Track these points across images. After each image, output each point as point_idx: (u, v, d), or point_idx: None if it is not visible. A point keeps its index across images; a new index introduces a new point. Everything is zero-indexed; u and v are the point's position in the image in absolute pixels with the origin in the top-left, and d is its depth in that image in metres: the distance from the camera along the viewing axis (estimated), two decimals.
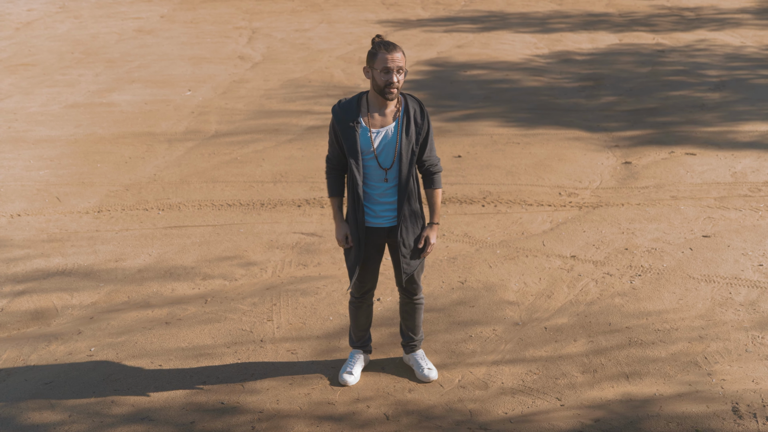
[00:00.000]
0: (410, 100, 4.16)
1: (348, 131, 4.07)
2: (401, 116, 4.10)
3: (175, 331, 5.05)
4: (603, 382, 4.46)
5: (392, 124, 4.11)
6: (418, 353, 4.59)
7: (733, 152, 7.98)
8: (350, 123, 4.06)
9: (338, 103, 4.14)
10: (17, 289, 5.64)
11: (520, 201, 6.95)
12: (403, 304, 4.51)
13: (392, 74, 3.95)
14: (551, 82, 10.85)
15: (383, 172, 4.12)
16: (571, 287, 5.49)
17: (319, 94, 10.40)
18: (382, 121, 4.10)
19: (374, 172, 4.13)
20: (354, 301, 4.47)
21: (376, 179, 4.14)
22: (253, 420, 4.18)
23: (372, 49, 4.00)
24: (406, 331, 4.58)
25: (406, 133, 4.09)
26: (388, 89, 3.98)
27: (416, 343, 4.59)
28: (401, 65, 3.96)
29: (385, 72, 3.96)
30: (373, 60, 3.98)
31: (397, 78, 3.97)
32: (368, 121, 4.09)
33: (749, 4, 16.97)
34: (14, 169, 7.93)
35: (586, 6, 17.00)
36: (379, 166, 4.11)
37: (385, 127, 4.10)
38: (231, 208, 6.95)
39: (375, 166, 4.11)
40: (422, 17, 15.98)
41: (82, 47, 13.58)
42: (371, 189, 4.16)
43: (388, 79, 3.96)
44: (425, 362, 4.56)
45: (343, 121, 4.08)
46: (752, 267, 5.71)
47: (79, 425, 4.16)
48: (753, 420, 4.11)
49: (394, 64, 3.94)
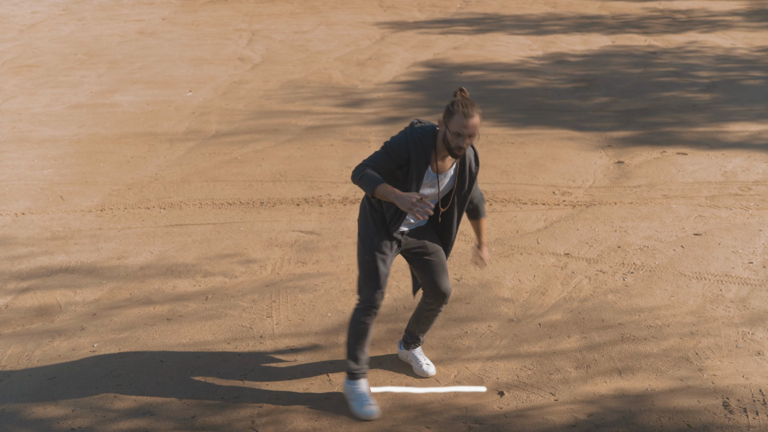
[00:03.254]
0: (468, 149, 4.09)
1: (420, 168, 3.96)
2: (459, 165, 4.08)
3: (177, 327, 5.10)
4: (596, 377, 4.51)
5: (451, 169, 4.07)
6: (417, 349, 4.63)
7: (723, 152, 8.05)
8: (424, 161, 3.96)
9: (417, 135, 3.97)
10: (21, 286, 5.68)
11: (514, 200, 7.00)
12: (427, 310, 4.44)
13: (464, 139, 3.84)
14: (545, 83, 10.91)
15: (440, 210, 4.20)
16: (565, 284, 5.55)
17: (317, 95, 10.45)
18: (443, 166, 4.04)
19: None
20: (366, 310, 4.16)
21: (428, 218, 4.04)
22: (253, 415, 4.22)
23: (451, 107, 3.84)
24: (417, 333, 4.55)
25: (461, 180, 4.09)
26: (457, 152, 3.88)
27: (421, 342, 4.62)
28: (474, 132, 3.84)
29: (457, 136, 3.83)
30: (449, 118, 3.84)
31: (467, 143, 3.87)
32: (434, 164, 4.02)
33: (739, 7, 17.04)
34: (18, 168, 7.98)
35: (580, 8, 17.05)
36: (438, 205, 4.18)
37: (446, 171, 4.06)
38: (231, 206, 7.00)
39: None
40: (419, 19, 16.03)
41: (85, 49, 13.61)
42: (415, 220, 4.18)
43: (458, 143, 3.84)
44: (423, 358, 4.60)
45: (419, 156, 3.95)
46: (742, 264, 5.78)
47: (82, 420, 4.20)
48: (743, 414, 4.16)
49: (467, 131, 3.82)
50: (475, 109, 3.84)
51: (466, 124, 3.80)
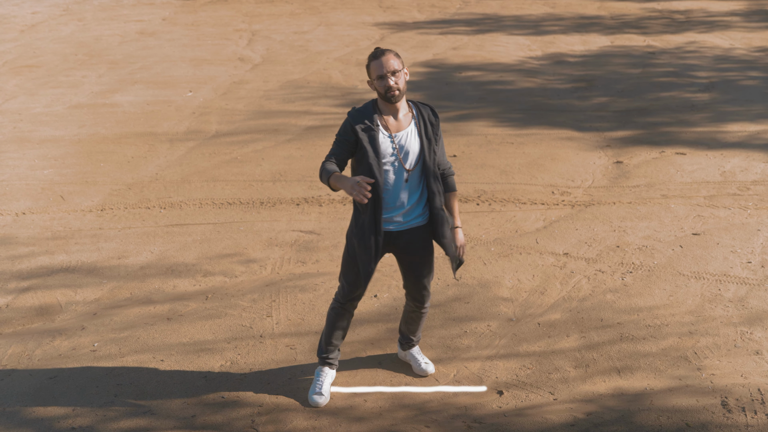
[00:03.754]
0: (420, 105, 4.14)
1: (370, 134, 4.01)
2: (416, 118, 4.09)
3: (177, 326, 5.12)
4: (595, 376, 4.52)
5: (409, 127, 4.07)
6: (415, 349, 4.65)
7: (722, 152, 8.07)
8: (371, 126, 4.01)
9: (354, 109, 4.09)
10: (22, 286, 5.70)
11: (514, 199, 7.02)
12: (410, 311, 4.47)
13: (387, 79, 3.93)
14: (544, 83, 10.93)
15: (404, 174, 4.06)
16: (564, 284, 5.57)
17: (317, 95, 10.47)
18: (398, 126, 4.07)
19: (390, 176, 4.06)
20: (337, 307, 4.32)
21: (392, 183, 4.06)
22: (253, 414, 4.24)
23: (367, 62, 4.01)
24: (406, 333, 4.59)
25: (425, 134, 4.08)
26: (390, 93, 3.95)
27: (414, 342, 4.64)
28: (395, 68, 3.93)
29: (380, 79, 3.94)
30: (368, 70, 3.99)
31: (394, 81, 3.93)
32: (385, 125, 4.05)
33: (738, 7, 17.06)
34: (19, 168, 7.99)
35: (579, 9, 17.08)
36: (402, 167, 4.05)
37: (402, 130, 4.06)
38: (231, 206, 7.02)
39: (392, 170, 4.05)
40: (418, 20, 16.05)
41: (86, 49, 13.63)
42: (387, 194, 4.09)
43: (384, 84, 3.94)
44: (422, 357, 4.62)
45: (363, 124, 4.01)
46: (741, 264, 5.79)
47: (82, 419, 4.22)
48: (741, 414, 4.18)
49: (384, 69, 3.92)
50: (386, 50, 3.99)
51: (381, 64, 3.94)
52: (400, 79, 3.97)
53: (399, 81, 3.96)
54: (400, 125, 4.07)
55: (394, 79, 3.94)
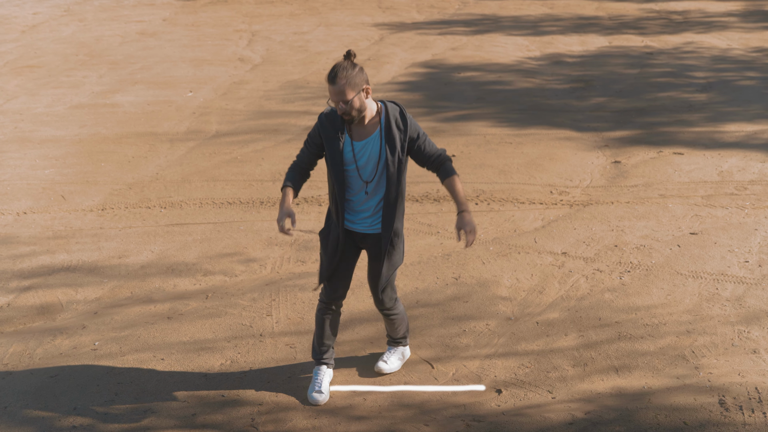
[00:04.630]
0: (390, 106, 4.05)
1: (333, 141, 3.99)
2: (382, 126, 4.01)
3: (177, 325, 5.14)
4: (593, 375, 4.54)
5: (373, 135, 4.01)
6: (392, 347, 4.64)
7: (719, 152, 8.09)
8: (335, 134, 3.99)
9: (324, 113, 4.05)
10: (23, 285, 5.72)
11: (512, 199, 7.04)
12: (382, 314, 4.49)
13: (338, 106, 3.88)
14: (543, 83, 10.95)
15: (364, 184, 4.06)
16: (562, 283, 5.60)
17: (317, 95, 10.49)
18: (363, 133, 4.01)
19: (355, 182, 4.06)
20: (322, 308, 4.34)
21: (357, 189, 4.08)
22: (253, 412, 4.25)
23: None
24: (389, 334, 4.62)
25: (388, 143, 4.01)
26: (345, 117, 3.93)
27: (394, 341, 4.61)
28: (343, 98, 3.84)
29: (336, 103, 3.90)
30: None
31: (343, 109, 3.87)
32: (350, 133, 4.02)
33: (735, 8, 17.10)
34: (20, 168, 8.01)
35: (577, 9, 17.11)
36: (359, 177, 4.04)
37: (367, 138, 4.01)
38: (231, 206, 7.04)
39: (356, 177, 4.05)
40: (417, 20, 16.08)
41: (87, 49, 13.64)
42: (352, 197, 4.10)
43: (341, 109, 3.90)
44: (388, 355, 4.60)
45: (329, 131, 4.00)
46: (738, 263, 5.82)
47: (83, 418, 4.22)
48: (739, 412, 4.19)
49: (336, 98, 3.85)
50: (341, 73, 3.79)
51: (333, 92, 3.84)
52: (354, 107, 3.90)
53: (352, 107, 3.89)
54: (365, 133, 4.03)
55: (346, 108, 3.89)
